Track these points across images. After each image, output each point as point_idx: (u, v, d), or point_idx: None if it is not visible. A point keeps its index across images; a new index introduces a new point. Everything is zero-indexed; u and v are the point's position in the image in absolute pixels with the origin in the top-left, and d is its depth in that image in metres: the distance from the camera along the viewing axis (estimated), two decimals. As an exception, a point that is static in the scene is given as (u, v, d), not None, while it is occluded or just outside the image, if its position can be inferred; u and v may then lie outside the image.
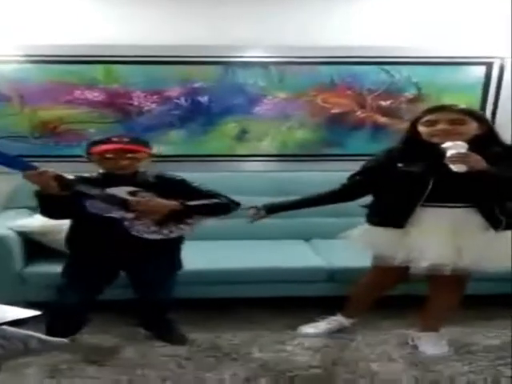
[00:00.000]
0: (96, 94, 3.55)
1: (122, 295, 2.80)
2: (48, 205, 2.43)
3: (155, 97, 3.60)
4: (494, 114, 3.76)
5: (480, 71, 3.70)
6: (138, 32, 3.44)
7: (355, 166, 2.72)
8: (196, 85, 3.61)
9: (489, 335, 2.90)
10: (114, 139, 2.50)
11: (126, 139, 2.52)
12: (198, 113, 3.65)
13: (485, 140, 2.41)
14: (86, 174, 2.57)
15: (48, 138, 3.61)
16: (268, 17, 3.51)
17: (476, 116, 2.45)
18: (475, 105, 3.70)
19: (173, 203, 2.51)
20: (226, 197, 2.68)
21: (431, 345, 2.73)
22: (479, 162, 2.25)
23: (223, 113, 3.67)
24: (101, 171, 2.58)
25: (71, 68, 3.50)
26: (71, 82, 3.52)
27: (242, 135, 3.72)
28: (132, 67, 3.54)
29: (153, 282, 2.70)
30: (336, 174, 2.84)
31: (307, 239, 3.51)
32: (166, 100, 3.61)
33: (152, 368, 2.55)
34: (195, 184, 2.69)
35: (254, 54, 3.58)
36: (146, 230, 2.50)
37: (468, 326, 2.99)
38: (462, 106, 2.50)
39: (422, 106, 2.90)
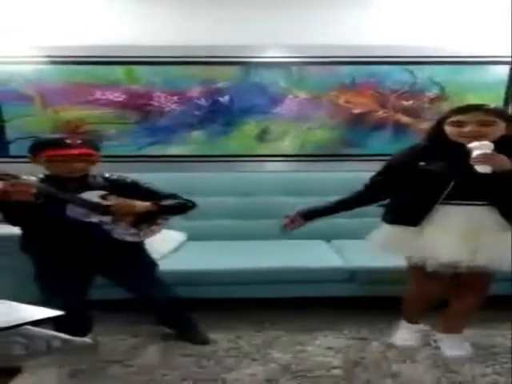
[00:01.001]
0: (117, 95, 3.58)
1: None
2: (14, 212, 2.37)
3: (176, 97, 3.62)
4: (517, 113, 3.71)
5: (503, 70, 3.66)
6: (158, 33, 3.45)
7: (376, 167, 2.67)
8: (217, 85, 3.62)
9: (509, 336, 2.87)
10: (67, 142, 2.43)
11: (78, 141, 2.47)
12: (219, 113, 3.66)
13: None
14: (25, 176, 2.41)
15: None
16: (289, 17, 3.51)
17: (505, 116, 2.40)
18: (498, 104, 3.66)
19: (149, 204, 2.55)
20: (178, 196, 2.72)
21: (454, 347, 2.71)
22: (505, 163, 2.23)
23: (244, 113, 3.68)
24: (47, 173, 2.50)
25: (92, 69, 3.53)
26: (92, 82, 3.55)
27: (262, 135, 3.73)
28: (153, 68, 3.56)
29: (135, 280, 2.68)
30: (357, 174, 2.83)
31: (328, 239, 3.50)
32: (186, 100, 3.62)
33: (172, 368, 2.56)
34: (147, 185, 2.69)
35: (274, 54, 3.58)
36: (127, 233, 2.53)
37: (490, 327, 2.96)
38: (491, 105, 2.44)
39: (445, 106, 2.88)
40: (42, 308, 1.60)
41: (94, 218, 2.45)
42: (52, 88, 3.54)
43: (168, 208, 2.63)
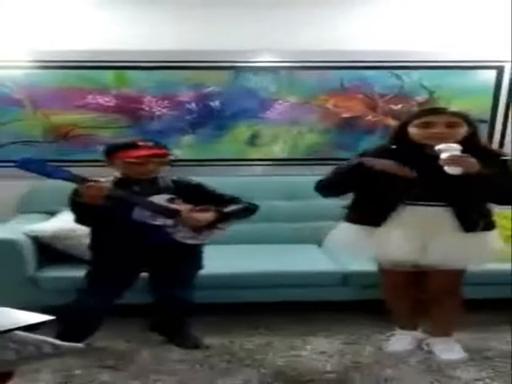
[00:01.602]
0: (108, 99, 3.57)
1: (135, 299, 2.80)
2: (86, 213, 2.45)
3: (166, 102, 3.61)
4: (505, 117, 3.77)
5: (491, 75, 3.69)
6: (149, 37, 3.44)
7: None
8: (207, 90, 3.62)
9: (504, 340, 2.87)
10: (140, 144, 2.51)
11: (150, 143, 2.54)
12: (209, 117, 3.66)
13: (470, 143, 2.42)
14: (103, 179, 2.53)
15: (60, 143, 3.63)
16: (278, 22, 3.52)
17: (467, 119, 2.48)
18: (486, 109, 3.71)
19: (212, 215, 2.61)
20: (241, 199, 2.75)
21: (446, 350, 2.71)
22: (473, 165, 2.28)
23: (234, 117, 3.68)
24: (118, 176, 2.58)
25: (83, 73, 3.52)
26: (83, 87, 3.54)
27: (253, 139, 3.73)
28: (143, 72, 3.56)
29: (177, 280, 2.72)
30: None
31: (320, 244, 3.47)
32: (177, 105, 3.62)
33: (166, 373, 2.54)
34: (211, 188, 2.75)
35: (264, 59, 3.59)
36: (188, 236, 2.59)
37: (483, 331, 2.97)
38: (454, 108, 2.55)
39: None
40: (33, 313, 1.59)
41: (159, 221, 2.50)
42: (43, 92, 3.53)
43: (231, 215, 2.68)
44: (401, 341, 2.80)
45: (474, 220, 2.44)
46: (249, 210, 2.77)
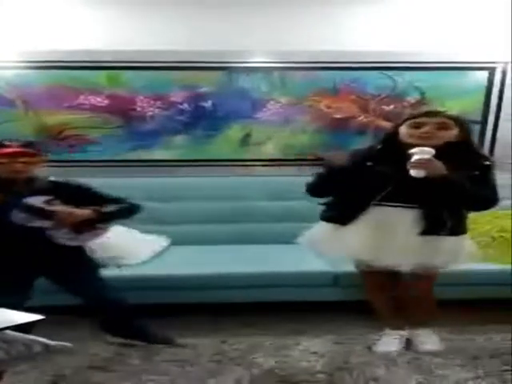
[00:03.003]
0: (100, 99, 3.57)
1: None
2: None
3: (159, 102, 3.62)
4: (497, 118, 3.77)
5: (482, 76, 3.71)
6: (141, 37, 3.45)
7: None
8: (200, 90, 3.63)
9: (492, 340, 2.88)
10: (6, 143, 2.48)
11: (17, 143, 2.51)
12: (202, 118, 3.67)
13: (459, 146, 2.44)
14: None
15: (52, 143, 3.62)
16: (271, 23, 3.52)
17: (459, 123, 2.49)
18: (478, 109, 3.73)
19: (90, 212, 2.56)
20: (124, 200, 2.73)
21: (423, 342, 2.75)
22: (438, 168, 2.32)
23: (227, 118, 3.69)
24: None
25: (75, 73, 3.52)
26: (75, 87, 3.54)
27: (245, 140, 3.74)
28: (136, 72, 3.57)
29: (81, 284, 2.67)
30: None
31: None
32: (169, 105, 3.63)
33: (156, 373, 2.54)
34: (92, 188, 2.72)
35: (256, 60, 3.60)
36: (67, 238, 2.55)
37: (471, 330, 2.98)
38: (448, 112, 2.59)
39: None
40: (21, 312, 1.59)
41: (36, 223, 2.45)
42: (35, 92, 3.53)
43: (110, 214, 2.65)
44: (389, 341, 2.81)
45: (440, 223, 2.45)
46: (129, 210, 2.75)
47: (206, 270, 3.01)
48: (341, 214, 2.58)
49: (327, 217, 2.66)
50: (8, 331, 1.46)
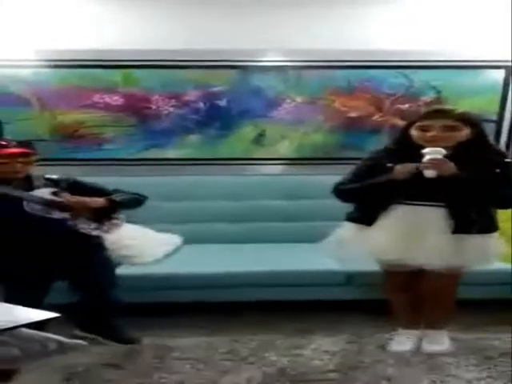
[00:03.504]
0: (115, 98, 3.59)
1: (140, 298, 2.86)
2: None
3: (173, 101, 3.62)
4: (513, 116, 3.73)
5: (498, 74, 3.68)
6: (156, 36, 3.46)
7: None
8: (214, 89, 3.63)
9: (505, 340, 2.86)
10: (3, 143, 2.51)
11: (14, 143, 2.53)
12: (216, 116, 3.67)
13: (475, 144, 2.46)
14: None
15: (67, 142, 3.64)
16: (286, 21, 3.53)
17: (470, 122, 2.49)
18: (494, 108, 3.70)
19: (102, 200, 2.61)
20: (124, 192, 2.75)
21: (433, 342, 2.75)
22: (449, 168, 2.35)
23: (241, 116, 3.69)
24: None
25: (91, 72, 3.54)
26: (90, 86, 3.56)
27: (259, 139, 3.73)
28: (151, 71, 3.58)
29: (93, 280, 2.71)
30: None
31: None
32: (184, 104, 3.63)
33: (168, 371, 2.56)
34: (90, 183, 2.75)
35: (272, 58, 3.60)
36: (90, 228, 2.58)
37: (485, 330, 2.96)
38: (458, 110, 2.54)
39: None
40: (37, 310, 1.60)
41: (55, 215, 2.47)
42: (50, 91, 3.55)
43: (121, 203, 2.68)
44: (403, 340, 2.81)
45: (468, 221, 2.45)
46: (137, 200, 2.78)
47: (218, 268, 3.02)
48: (365, 214, 2.61)
49: (352, 217, 2.68)
50: (23, 328, 1.47)
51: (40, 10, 3.41)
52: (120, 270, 2.95)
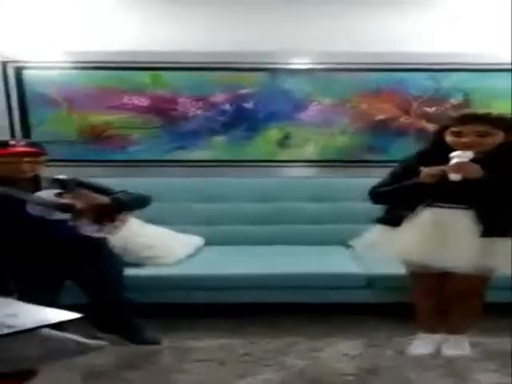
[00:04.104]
0: (143, 100, 3.63)
1: (155, 299, 2.90)
2: None
3: (200, 102, 3.65)
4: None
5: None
6: (185, 38, 3.50)
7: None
8: (242, 91, 3.65)
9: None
10: (11, 142, 2.52)
11: (22, 143, 2.54)
12: (242, 118, 3.69)
13: (508, 148, 2.45)
14: None
15: (94, 143, 3.69)
16: (314, 23, 3.54)
17: (503, 125, 2.46)
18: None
19: (106, 198, 2.60)
20: (130, 192, 2.75)
21: (453, 347, 2.74)
22: (474, 171, 2.35)
23: (267, 118, 3.70)
24: None
25: (119, 74, 3.59)
26: (119, 87, 3.61)
27: (284, 141, 3.74)
28: (179, 73, 3.62)
29: (100, 281, 2.72)
30: (378, 181, 2.80)
31: (348, 246, 3.46)
32: (211, 106, 3.66)
33: (187, 372, 2.59)
34: (96, 184, 2.74)
35: (300, 61, 3.61)
36: (92, 229, 2.58)
37: (505, 335, 2.93)
38: (493, 114, 2.50)
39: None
40: (60, 311, 1.63)
41: (57, 216, 2.48)
42: (79, 93, 3.60)
43: (125, 203, 2.68)
44: (423, 344, 2.80)
45: (495, 225, 2.44)
46: (142, 201, 2.79)
47: (237, 270, 3.04)
48: (394, 216, 2.62)
49: (382, 220, 2.70)
50: (44, 329, 1.50)
51: (69, 12, 3.46)
52: (142, 271, 3.00)
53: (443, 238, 2.49)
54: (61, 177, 2.68)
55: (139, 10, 3.50)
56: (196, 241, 3.46)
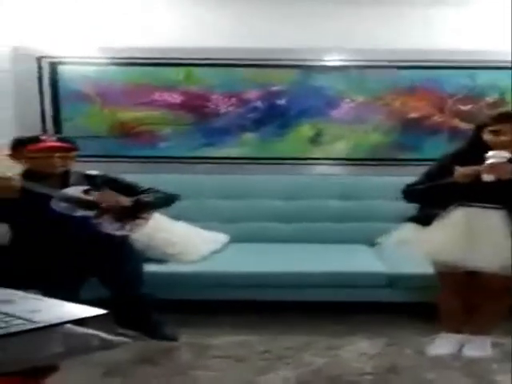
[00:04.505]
0: (175, 96, 3.65)
1: (175, 295, 2.94)
2: (2, 209, 2.45)
3: (233, 99, 3.67)
4: None
5: None
6: (218, 35, 3.52)
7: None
8: (274, 88, 3.66)
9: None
10: (43, 138, 2.56)
11: (54, 138, 2.58)
12: (274, 115, 3.69)
13: None
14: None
15: (125, 139, 3.71)
16: (348, 20, 3.54)
17: None
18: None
19: (132, 199, 2.63)
20: (159, 191, 2.78)
21: (474, 348, 2.72)
22: (507, 172, 2.35)
23: (299, 115, 3.70)
24: (25, 170, 2.60)
25: (152, 70, 3.62)
26: (151, 84, 3.64)
27: (316, 138, 3.73)
28: (212, 70, 3.64)
29: (121, 276, 2.73)
30: (410, 179, 2.81)
31: (372, 244, 3.47)
32: (243, 103, 3.67)
33: (205, 369, 2.60)
34: (126, 181, 2.78)
35: (333, 58, 3.62)
36: (114, 227, 2.61)
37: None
38: None
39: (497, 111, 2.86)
40: (86, 306, 1.68)
41: (80, 213, 2.51)
42: (112, 89, 3.64)
43: (149, 203, 2.72)
44: (444, 344, 2.79)
45: None
46: (168, 199, 2.80)
47: (259, 268, 3.06)
48: (426, 215, 2.63)
49: (413, 218, 2.70)
50: (68, 324, 1.54)
51: (103, 8, 3.51)
52: (164, 268, 3.03)
53: (475, 237, 2.48)
54: (91, 172, 2.73)
55: (172, 6, 3.54)
56: (221, 238, 3.47)
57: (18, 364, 1.31)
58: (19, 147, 2.58)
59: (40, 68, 3.60)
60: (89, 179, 2.70)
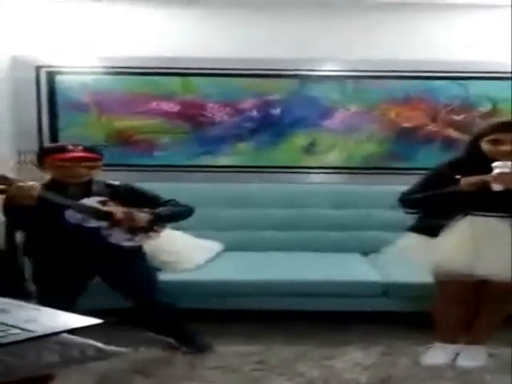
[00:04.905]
0: (172, 105, 3.67)
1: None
2: (20, 216, 2.48)
3: (228, 108, 3.69)
4: None
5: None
6: (214, 45, 3.56)
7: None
8: (269, 97, 3.68)
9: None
10: (69, 147, 2.56)
11: (80, 147, 2.58)
12: (269, 125, 3.72)
13: None
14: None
15: (122, 148, 3.73)
16: (345, 31, 3.58)
17: None
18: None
19: (147, 215, 2.64)
20: (177, 202, 2.78)
21: (468, 357, 2.73)
22: None
23: (293, 125, 3.73)
24: (50, 178, 2.62)
25: (149, 79, 3.65)
26: (149, 92, 3.66)
27: (310, 147, 3.76)
28: (208, 79, 3.67)
29: (133, 285, 2.73)
30: (403, 188, 2.81)
31: (366, 253, 3.50)
32: (238, 112, 3.70)
33: (198, 379, 2.58)
34: (146, 191, 2.79)
35: (329, 68, 3.65)
36: (123, 238, 2.61)
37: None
38: None
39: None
40: (81, 316, 1.68)
41: (92, 224, 2.53)
42: (109, 97, 3.66)
43: (165, 217, 2.73)
44: (438, 353, 2.79)
45: None
46: (184, 213, 2.80)
47: (254, 276, 3.06)
48: (430, 225, 2.61)
49: (416, 228, 2.70)
50: (64, 334, 1.54)
51: (102, 18, 3.55)
52: (160, 276, 2.96)
53: (484, 246, 2.49)
54: (113, 182, 2.75)
55: (169, 16, 3.56)
56: (215, 247, 3.47)
57: (13, 374, 1.31)
58: (45, 156, 2.60)
59: (38, 77, 3.62)
60: (111, 188, 2.71)
